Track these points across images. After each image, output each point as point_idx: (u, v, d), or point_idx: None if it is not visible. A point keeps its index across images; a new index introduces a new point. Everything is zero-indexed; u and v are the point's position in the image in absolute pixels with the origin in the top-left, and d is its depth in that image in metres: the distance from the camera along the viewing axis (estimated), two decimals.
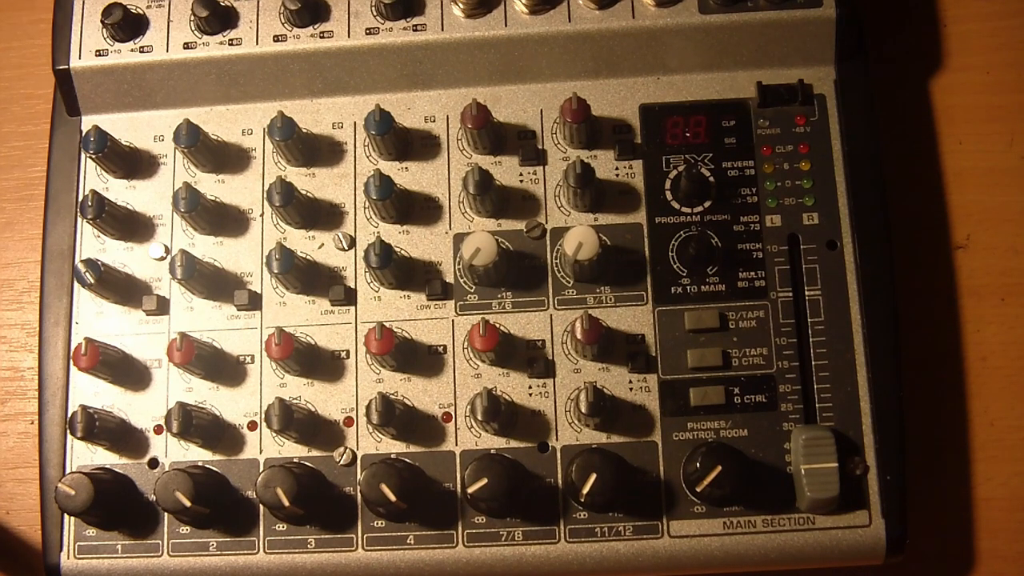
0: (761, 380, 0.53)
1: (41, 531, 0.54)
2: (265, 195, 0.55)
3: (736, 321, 0.54)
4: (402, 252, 0.55)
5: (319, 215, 0.56)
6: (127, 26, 0.56)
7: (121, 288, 0.55)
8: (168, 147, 0.57)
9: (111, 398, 0.55)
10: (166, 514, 0.53)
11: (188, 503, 0.50)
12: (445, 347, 0.54)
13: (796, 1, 0.55)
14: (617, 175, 0.55)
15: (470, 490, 0.50)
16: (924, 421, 0.56)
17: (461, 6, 0.56)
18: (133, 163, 0.57)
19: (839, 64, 0.56)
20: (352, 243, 0.55)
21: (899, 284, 0.54)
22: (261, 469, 0.53)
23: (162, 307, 0.55)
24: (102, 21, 0.56)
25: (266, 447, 0.54)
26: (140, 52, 0.57)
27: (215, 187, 0.57)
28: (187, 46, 0.56)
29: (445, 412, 0.53)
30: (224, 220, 0.56)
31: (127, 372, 0.55)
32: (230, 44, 0.56)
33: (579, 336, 0.51)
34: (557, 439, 0.53)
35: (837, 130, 0.56)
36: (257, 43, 0.56)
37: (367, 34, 0.56)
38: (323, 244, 0.55)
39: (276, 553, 0.53)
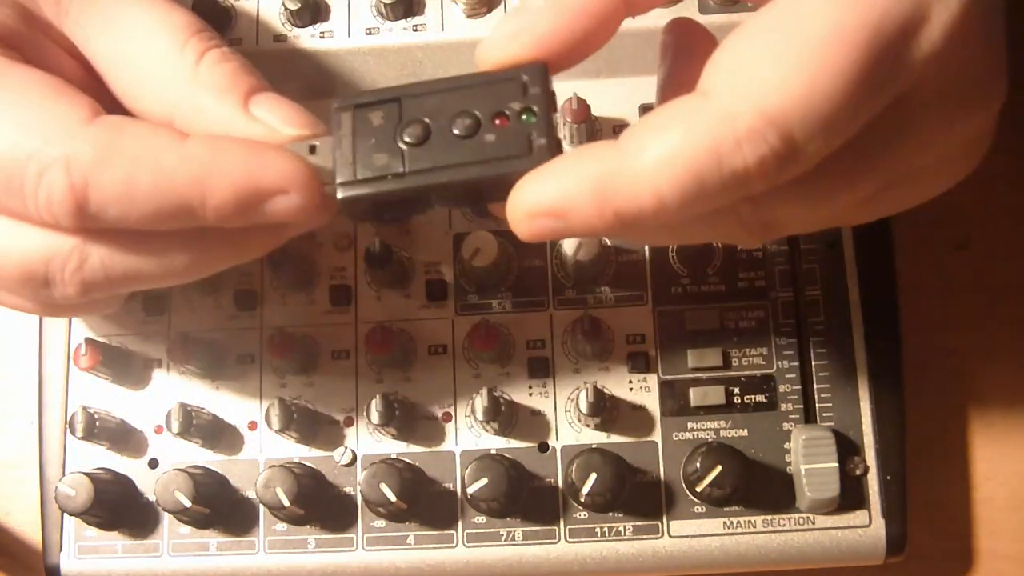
0: (761, 380, 0.53)
1: (41, 531, 0.54)
2: None
3: (736, 321, 0.54)
4: (402, 252, 0.55)
5: None
6: None
7: None
8: None
9: (111, 398, 0.55)
10: (166, 514, 0.53)
11: (188, 503, 0.50)
12: (445, 347, 0.54)
13: None
14: None
15: (470, 490, 0.50)
16: (924, 421, 0.56)
17: (461, 6, 0.56)
18: None
19: None
20: (352, 243, 0.55)
21: (899, 284, 0.54)
22: (261, 469, 0.53)
23: (162, 307, 0.55)
24: None
25: (266, 447, 0.54)
26: None
27: None
28: None
29: (445, 412, 0.53)
30: None
31: (127, 372, 0.55)
32: (229, 44, 0.56)
33: (579, 336, 0.51)
34: (557, 439, 0.53)
35: None
36: (257, 43, 0.56)
37: (367, 34, 0.56)
38: (323, 244, 0.55)
39: (276, 553, 0.53)
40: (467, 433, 0.53)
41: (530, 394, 0.53)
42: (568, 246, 0.52)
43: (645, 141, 0.35)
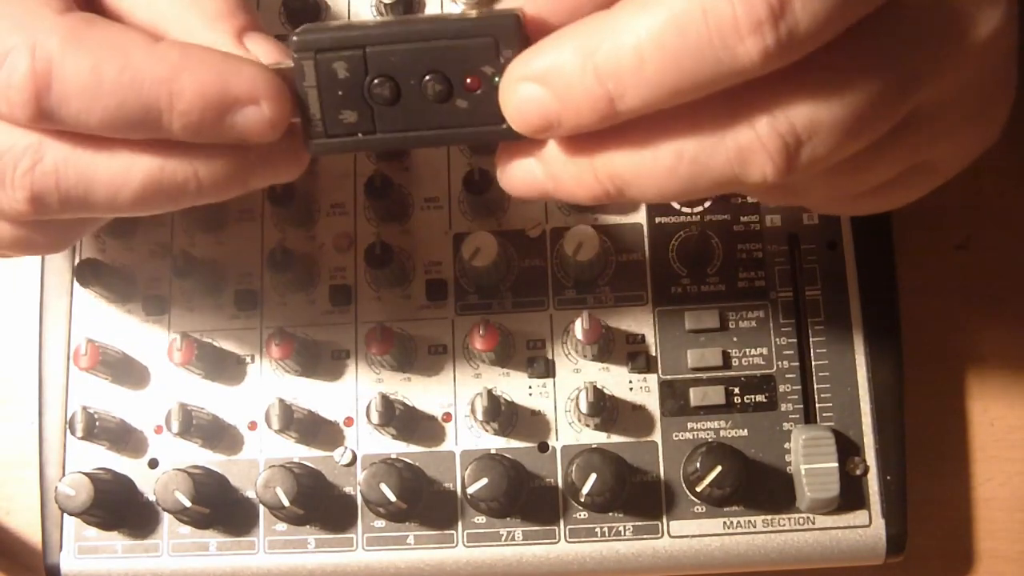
0: (761, 380, 0.53)
1: (41, 531, 0.54)
2: (266, 195, 0.55)
3: (736, 321, 0.54)
4: (402, 253, 0.55)
5: (319, 215, 0.56)
6: None
7: (121, 287, 0.55)
8: None
9: (111, 398, 0.55)
10: (166, 514, 0.53)
11: (188, 503, 0.50)
12: (445, 347, 0.54)
13: None
14: None
15: (470, 490, 0.50)
16: (924, 421, 0.56)
17: (461, 6, 0.56)
18: None
19: None
20: (352, 243, 0.55)
21: (899, 284, 0.54)
22: (261, 469, 0.53)
23: (162, 307, 0.55)
24: None
25: (266, 447, 0.54)
26: None
27: None
28: None
29: (445, 412, 0.53)
30: (224, 220, 0.56)
31: (127, 372, 0.55)
32: None
33: (579, 336, 0.51)
34: (557, 439, 0.53)
35: None
36: None
37: None
38: (323, 244, 0.56)
39: (276, 553, 0.53)
40: (467, 433, 0.53)
41: (530, 394, 0.53)
42: (568, 246, 0.52)
43: (630, 2, 0.34)
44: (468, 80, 0.37)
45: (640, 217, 0.55)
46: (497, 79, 0.36)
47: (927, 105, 0.37)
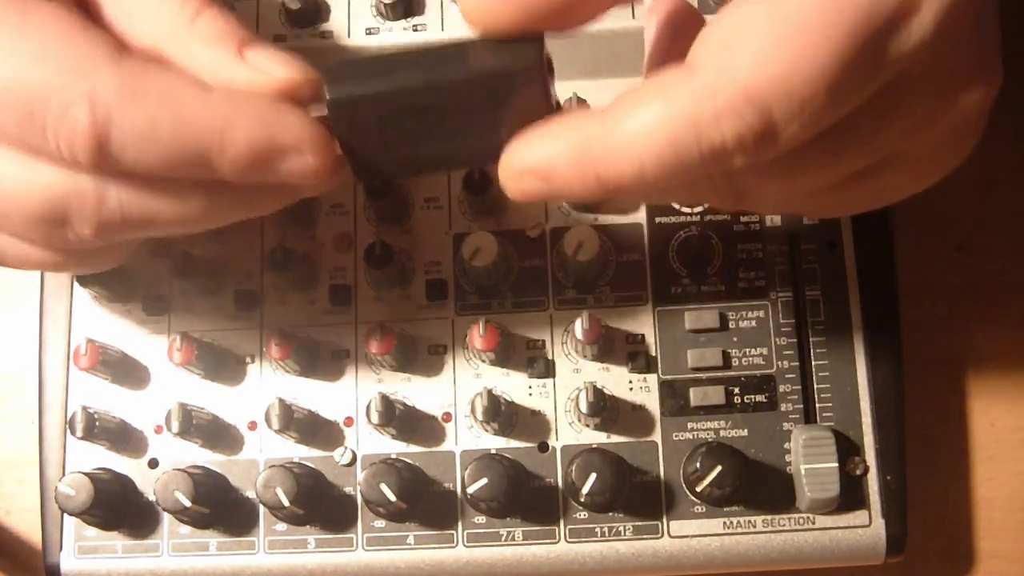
0: (761, 380, 0.53)
1: (41, 531, 0.54)
2: None
3: (736, 321, 0.54)
4: (402, 253, 0.55)
5: (319, 215, 0.56)
6: None
7: (121, 288, 0.55)
8: None
9: (111, 398, 0.55)
10: (166, 514, 0.53)
11: (188, 503, 0.50)
12: (445, 347, 0.54)
13: None
14: None
15: (470, 490, 0.50)
16: (924, 421, 0.56)
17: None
18: None
19: None
20: (352, 243, 0.55)
21: (899, 284, 0.54)
22: (261, 469, 0.53)
23: (162, 307, 0.55)
24: None
25: (266, 447, 0.54)
26: None
27: None
28: None
29: (445, 412, 0.53)
30: None
31: (127, 372, 0.55)
32: None
33: (579, 336, 0.51)
34: (557, 439, 0.53)
35: None
36: None
37: (367, 34, 0.56)
38: (323, 244, 0.55)
39: (276, 553, 0.53)
40: (467, 433, 0.53)
41: (530, 394, 0.53)
42: (568, 246, 0.52)
43: (628, 110, 0.36)
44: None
45: (640, 217, 0.55)
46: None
47: (896, 155, 0.38)
